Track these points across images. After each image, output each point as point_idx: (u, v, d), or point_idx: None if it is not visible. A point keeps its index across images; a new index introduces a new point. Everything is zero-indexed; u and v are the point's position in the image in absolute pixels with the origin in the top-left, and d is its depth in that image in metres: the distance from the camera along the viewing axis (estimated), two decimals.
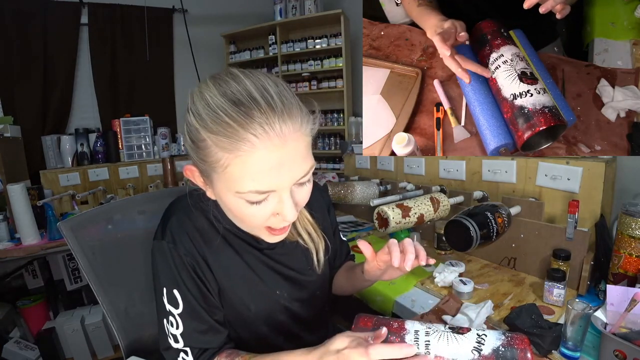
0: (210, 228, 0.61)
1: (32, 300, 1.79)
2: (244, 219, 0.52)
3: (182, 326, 0.56)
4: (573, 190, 1.03)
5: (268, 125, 0.43)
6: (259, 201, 0.48)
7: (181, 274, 0.57)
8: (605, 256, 0.92)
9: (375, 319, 0.56)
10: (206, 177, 0.51)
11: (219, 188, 0.50)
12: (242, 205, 0.49)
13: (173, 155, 2.54)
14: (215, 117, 0.44)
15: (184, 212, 0.61)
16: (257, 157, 0.44)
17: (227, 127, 0.43)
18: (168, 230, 0.59)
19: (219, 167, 0.46)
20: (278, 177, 0.46)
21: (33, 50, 2.26)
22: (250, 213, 0.49)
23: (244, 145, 0.43)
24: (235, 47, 3.00)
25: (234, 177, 0.46)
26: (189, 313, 0.57)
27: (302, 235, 0.68)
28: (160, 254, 0.58)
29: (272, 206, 0.49)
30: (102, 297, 0.77)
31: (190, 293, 0.57)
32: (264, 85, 0.46)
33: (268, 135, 0.43)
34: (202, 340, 0.57)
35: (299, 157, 0.47)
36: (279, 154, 0.45)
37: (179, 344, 0.56)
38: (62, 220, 0.74)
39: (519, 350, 0.48)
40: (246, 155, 0.44)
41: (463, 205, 1.21)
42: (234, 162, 0.45)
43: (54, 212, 1.61)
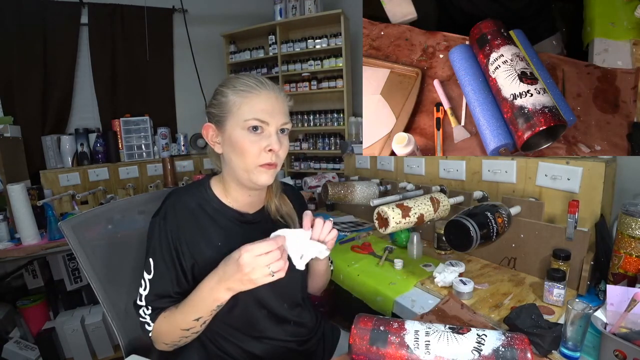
0: (200, 209, 0.74)
1: (32, 300, 1.79)
2: (244, 150, 0.68)
3: (148, 289, 0.69)
4: (573, 190, 1.03)
5: (269, 88, 0.70)
6: (257, 128, 0.68)
7: (162, 246, 0.69)
8: (605, 256, 0.92)
9: (375, 319, 0.57)
10: (220, 126, 0.70)
11: (230, 127, 0.69)
12: (245, 137, 0.67)
13: (173, 155, 2.54)
14: (237, 82, 0.70)
15: (181, 195, 0.75)
16: (260, 98, 0.68)
17: (245, 85, 0.69)
18: (163, 208, 0.73)
19: (235, 107, 0.68)
20: (271, 116, 0.68)
21: (33, 50, 2.25)
22: (250, 142, 0.67)
23: (254, 92, 0.68)
24: (235, 47, 3.00)
25: (243, 110, 0.68)
26: (155, 281, 0.69)
27: (282, 214, 0.81)
28: (152, 228, 0.72)
29: (265, 141, 0.68)
30: (102, 296, 0.77)
31: (163, 264, 0.69)
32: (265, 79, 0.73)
33: (268, 92, 0.70)
34: (159, 302, 0.69)
35: (283, 111, 0.71)
36: (273, 103, 0.69)
37: (142, 302, 0.70)
38: (63, 220, 0.75)
39: (519, 350, 0.48)
40: (254, 98, 0.68)
41: (463, 205, 1.21)
42: (245, 101, 0.68)
43: (54, 212, 1.61)
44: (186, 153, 2.66)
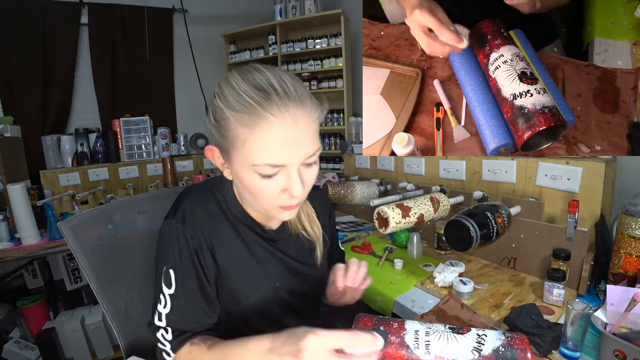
0: (222, 214, 0.64)
1: (32, 300, 1.79)
2: (257, 194, 0.56)
3: (170, 307, 0.58)
4: (573, 190, 1.03)
5: (283, 107, 0.50)
6: (271, 175, 0.52)
7: (182, 255, 0.59)
8: (605, 256, 0.92)
9: (375, 319, 0.57)
10: (225, 154, 0.56)
11: (236, 163, 0.55)
12: (255, 179, 0.53)
13: (173, 155, 2.54)
14: (239, 98, 0.50)
15: (199, 195, 0.64)
16: (272, 133, 0.50)
17: (249, 106, 0.50)
18: (180, 210, 0.61)
19: (238, 142, 0.52)
20: (289, 153, 0.51)
21: (33, 50, 2.25)
22: (262, 187, 0.54)
23: (262, 122, 0.49)
24: (235, 47, 3.00)
25: (250, 150, 0.51)
26: (179, 296, 0.58)
27: (306, 227, 0.71)
28: (168, 233, 0.60)
29: (282, 182, 0.54)
30: (102, 297, 0.77)
31: (186, 276, 0.59)
32: (282, 77, 0.52)
33: (283, 115, 0.50)
34: (184, 323, 0.59)
35: (307, 138, 0.53)
36: (291, 133, 0.51)
37: (162, 322, 0.58)
38: (63, 220, 0.74)
39: (519, 350, 0.48)
40: (263, 132, 0.50)
41: (463, 205, 1.21)
42: (252, 137, 0.50)
43: (54, 212, 1.61)
44: (186, 153, 2.66)
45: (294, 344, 0.46)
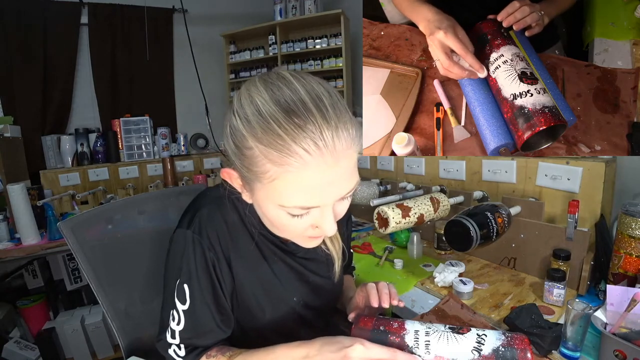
0: (241, 225, 0.59)
1: (32, 300, 1.79)
2: (282, 230, 0.53)
3: (183, 323, 0.55)
4: (573, 190, 1.03)
5: (322, 141, 0.41)
6: (301, 215, 0.47)
7: (198, 269, 0.55)
8: (605, 256, 0.92)
9: (376, 319, 0.56)
10: (247, 183, 0.49)
11: (260, 197, 0.49)
12: (282, 217, 0.48)
13: (173, 155, 2.54)
14: (266, 126, 0.42)
15: (217, 204, 0.59)
16: (307, 174, 0.42)
17: (279, 139, 0.41)
18: (197, 220, 0.56)
19: (265, 178, 0.44)
20: (325, 195, 0.45)
21: (33, 50, 2.25)
22: (289, 224, 0.49)
23: (295, 161, 0.41)
24: (235, 47, 2.99)
25: (279, 190, 0.44)
26: (193, 312, 0.55)
27: (327, 242, 0.67)
28: (182, 244, 0.56)
29: (313, 219, 0.49)
30: (102, 297, 0.77)
31: (201, 291, 0.55)
32: (318, 95, 0.44)
33: (321, 152, 0.41)
34: (198, 339, 0.57)
35: (347, 175, 0.46)
36: (329, 173, 0.43)
37: (175, 339, 0.56)
38: (62, 220, 0.74)
39: (519, 350, 0.48)
40: (296, 171, 0.42)
41: (463, 205, 1.21)
42: (282, 176, 0.43)
43: (54, 212, 1.61)
44: (186, 153, 2.66)
45: (336, 350, 0.45)
